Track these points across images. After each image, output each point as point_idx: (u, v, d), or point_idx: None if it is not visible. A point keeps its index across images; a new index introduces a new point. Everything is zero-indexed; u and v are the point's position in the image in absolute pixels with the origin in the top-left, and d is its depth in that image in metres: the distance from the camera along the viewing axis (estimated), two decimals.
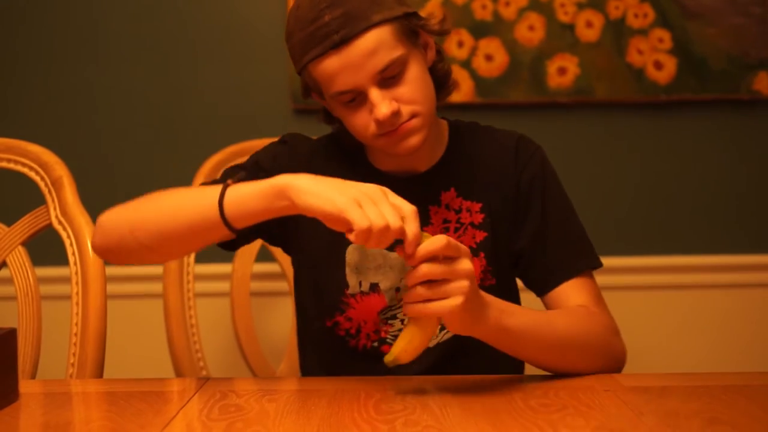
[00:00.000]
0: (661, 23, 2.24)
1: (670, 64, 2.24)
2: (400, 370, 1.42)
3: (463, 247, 1.18)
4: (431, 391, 1.22)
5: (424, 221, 1.44)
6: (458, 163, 1.49)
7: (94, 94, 2.31)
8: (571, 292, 1.45)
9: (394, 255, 1.42)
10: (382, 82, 1.32)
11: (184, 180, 1.89)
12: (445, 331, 1.45)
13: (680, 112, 2.27)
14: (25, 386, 1.27)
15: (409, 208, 1.15)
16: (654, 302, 2.28)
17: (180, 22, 2.30)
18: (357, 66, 1.30)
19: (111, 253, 1.35)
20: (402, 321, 1.44)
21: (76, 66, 2.30)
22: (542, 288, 1.46)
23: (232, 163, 1.89)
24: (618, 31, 2.24)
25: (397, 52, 1.32)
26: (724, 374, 1.35)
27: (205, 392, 1.23)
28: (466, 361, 1.42)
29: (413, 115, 1.35)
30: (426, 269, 1.14)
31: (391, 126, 1.34)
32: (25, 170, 1.56)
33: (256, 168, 1.46)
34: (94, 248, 1.37)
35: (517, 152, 1.49)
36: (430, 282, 1.14)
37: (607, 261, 2.23)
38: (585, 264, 1.48)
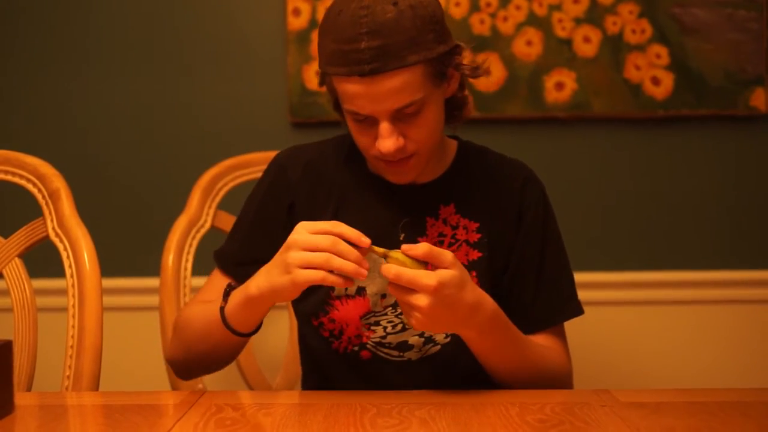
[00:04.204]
0: (658, 39, 2.24)
1: (668, 80, 2.24)
2: (396, 382, 1.42)
3: (447, 255, 1.23)
4: (427, 405, 1.21)
5: (420, 231, 1.46)
6: (461, 181, 1.50)
7: (92, 107, 2.31)
8: (546, 336, 1.49)
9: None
10: (396, 116, 1.33)
11: (183, 193, 1.89)
12: (431, 345, 1.47)
13: (677, 127, 2.27)
14: (21, 398, 1.27)
15: (329, 222, 1.25)
16: (651, 318, 2.28)
17: (179, 36, 2.30)
18: (377, 99, 1.31)
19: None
20: (384, 329, 1.45)
21: (74, 79, 2.30)
22: (518, 329, 1.46)
23: (231, 177, 1.91)
24: (615, 47, 2.25)
25: (420, 93, 1.32)
26: (721, 390, 1.35)
27: (201, 405, 1.23)
28: (462, 376, 1.43)
29: (415, 154, 1.38)
30: (391, 290, 1.24)
31: (391, 158, 1.37)
32: (23, 182, 1.56)
33: (258, 218, 1.53)
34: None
35: (523, 188, 1.50)
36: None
37: (603, 276, 2.26)
38: (568, 314, 1.51)
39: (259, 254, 1.45)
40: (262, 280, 1.29)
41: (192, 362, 1.47)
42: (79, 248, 1.49)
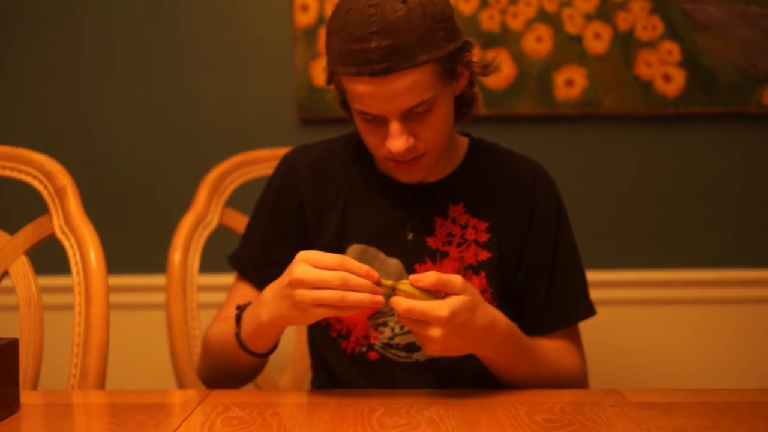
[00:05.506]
0: (669, 36, 2.23)
1: (679, 77, 2.23)
2: (404, 383, 1.41)
3: (457, 281, 1.21)
4: (435, 405, 1.21)
5: (429, 231, 1.45)
6: (470, 179, 1.48)
7: (99, 104, 2.31)
8: (560, 337, 1.48)
9: (392, 261, 1.42)
10: (406, 115, 1.32)
11: (190, 190, 1.88)
12: None
13: (689, 125, 2.26)
14: (27, 397, 1.27)
15: (335, 257, 1.21)
16: (662, 317, 2.27)
17: (186, 32, 2.30)
18: (388, 99, 1.30)
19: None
20: (392, 329, 1.44)
21: (80, 75, 2.30)
22: (532, 330, 1.45)
23: (238, 174, 1.90)
24: (626, 44, 2.23)
25: (431, 93, 1.31)
26: (731, 391, 1.34)
27: (208, 404, 1.23)
28: (470, 377, 1.42)
29: (425, 153, 1.37)
30: (403, 322, 1.23)
31: (401, 157, 1.35)
32: (29, 179, 1.55)
33: (272, 220, 1.53)
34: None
35: (535, 185, 1.49)
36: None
37: (614, 275, 2.25)
38: (581, 315, 1.50)
39: (276, 257, 1.44)
40: (270, 311, 1.26)
41: (218, 380, 1.47)
42: (85, 245, 1.49)
